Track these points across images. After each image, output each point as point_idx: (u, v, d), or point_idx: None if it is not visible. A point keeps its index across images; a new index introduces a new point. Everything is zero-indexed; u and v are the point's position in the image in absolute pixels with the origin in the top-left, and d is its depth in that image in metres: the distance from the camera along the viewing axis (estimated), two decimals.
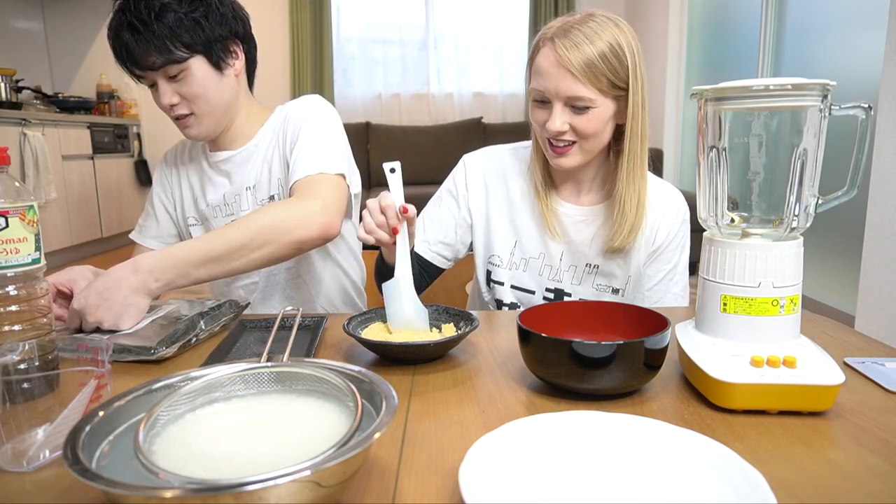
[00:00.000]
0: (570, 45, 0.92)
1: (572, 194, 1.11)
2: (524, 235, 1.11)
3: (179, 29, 1.04)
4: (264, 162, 1.18)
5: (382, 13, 5.09)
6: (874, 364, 0.72)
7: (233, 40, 1.13)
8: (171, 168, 1.28)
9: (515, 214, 1.12)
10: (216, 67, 1.10)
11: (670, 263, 1.10)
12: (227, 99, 1.13)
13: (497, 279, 1.14)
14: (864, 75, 2.50)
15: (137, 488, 0.37)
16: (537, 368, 0.67)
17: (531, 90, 1.00)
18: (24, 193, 0.63)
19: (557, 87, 0.94)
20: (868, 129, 0.63)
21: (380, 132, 4.87)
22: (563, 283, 1.10)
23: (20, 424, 0.53)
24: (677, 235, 1.10)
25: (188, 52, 1.05)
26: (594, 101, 0.94)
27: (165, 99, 1.08)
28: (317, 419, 0.50)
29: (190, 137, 1.16)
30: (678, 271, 1.11)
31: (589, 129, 0.96)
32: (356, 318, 0.83)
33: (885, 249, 1.95)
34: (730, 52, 3.80)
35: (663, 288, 1.10)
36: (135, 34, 1.03)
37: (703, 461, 0.47)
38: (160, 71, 1.06)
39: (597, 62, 0.92)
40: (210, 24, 1.07)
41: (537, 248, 1.11)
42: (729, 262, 0.64)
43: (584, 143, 0.99)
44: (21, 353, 0.60)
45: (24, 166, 3.48)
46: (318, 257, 1.24)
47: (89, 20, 4.79)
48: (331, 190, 1.05)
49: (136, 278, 0.88)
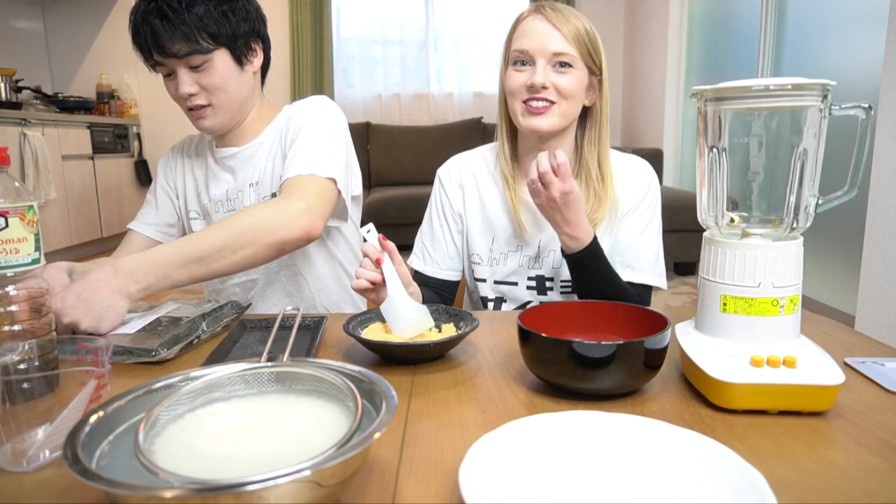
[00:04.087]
0: (559, 14, 1.02)
1: None
2: (499, 230, 1.14)
3: (208, 20, 1.05)
4: (268, 160, 1.19)
5: (382, 13, 5.09)
6: (874, 364, 0.72)
7: (255, 38, 1.14)
8: (176, 159, 1.29)
9: (489, 212, 1.15)
10: (238, 62, 1.11)
11: (640, 226, 1.10)
12: (244, 94, 1.15)
13: (479, 277, 1.16)
14: (864, 75, 2.50)
15: (137, 488, 0.37)
16: (537, 368, 0.67)
17: (512, 54, 1.06)
18: (24, 193, 0.63)
19: (545, 42, 1.01)
20: (868, 129, 0.63)
21: (380, 132, 4.87)
22: (544, 269, 1.12)
23: (20, 424, 0.53)
24: (645, 198, 1.11)
25: (214, 43, 1.06)
26: (577, 61, 1.03)
27: (185, 88, 1.08)
28: (317, 419, 0.50)
29: (202, 129, 1.16)
30: (649, 235, 1.10)
31: (570, 87, 1.03)
32: (356, 318, 0.83)
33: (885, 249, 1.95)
34: (730, 52, 3.80)
35: (634, 252, 1.09)
36: (164, 20, 1.03)
37: (703, 461, 0.47)
38: (183, 60, 1.06)
39: (581, 32, 1.03)
40: (236, 20, 1.08)
41: (514, 241, 1.13)
42: (729, 262, 0.64)
43: (562, 103, 1.04)
44: (21, 353, 0.60)
45: (24, 166, 3.48)
46: (319, 256, 1.24)
47: (89, 20, 4.79)
48: (316, 192, 1.05)
49: (116, 280, 0.86)
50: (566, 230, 0.97)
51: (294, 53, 4.95)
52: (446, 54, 5.16)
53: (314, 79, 4.99)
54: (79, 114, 4.30)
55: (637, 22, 4.85)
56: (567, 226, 0.96)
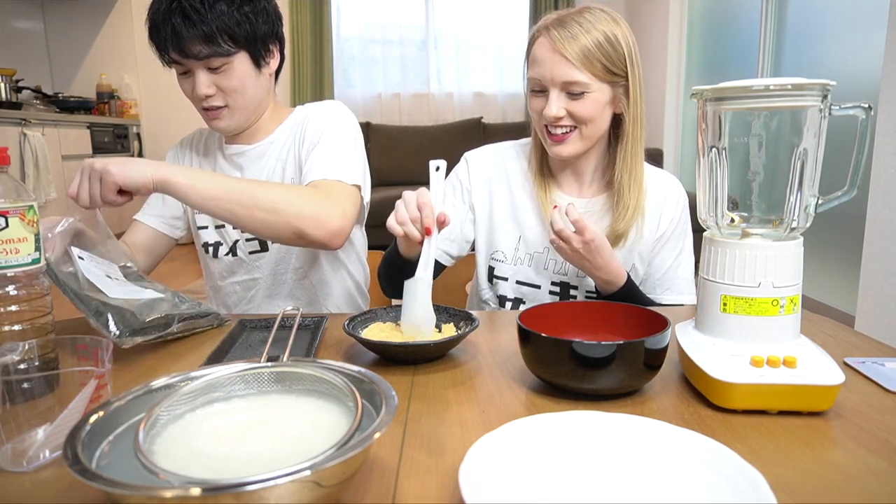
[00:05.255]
0: (566, 34, 0.96)
1: (574, 187, 1.12)
2: (528, 230, 1.12)
3: (230, 21, 1.04)
4: (278, 160, 1.19)
5: (382, 13, 5.09)
6: (874, 364, 0.72)
7: (273, 40, 1.13)
8: (185, 152, 1.29)
9: (518, 210, 1.13)
10: (256, 65, 1.11)
11: (677, 249, 1.11)
12: (260, 96, 1.15)
13: (501, 275, 1.14)
14: (864, 75, 2.50)
15: (137, 488, 0.37)
16: (537, 368, 0.67)
17: (529, 80, 1.03)
18: (24, 193, 0.63)
19: (552, 72, 0.98)
20: (868, 129, 0.63)
21: (380, 132, 4.87)
22: (569, 276, 1.10)
23: (20, 424, 0.53)
24: (680, 220, 1.12)
25: (234, 46, 1.06)
26: (589, 85, 0.97)
27: (202, 89, 1.07)
28: (317, 419, 0.50)
29: (217, 129, 1.16)
30: (684, 256, 1.12)
31: (586, 113, 0.99)
32: (356, 318, 0.83)
33: (885, 249, 1.95)
34: (730, 52, 3.80)
35: (672, 274, 1.11)
36: (186, 20, 1.02)
37: (703, 461, 0.47)
38: (202, 61, 1.05)
39: (592, 49, 0.96)
40: (257, 22, 1.08)
41: (542, 243, 1.11)
42: (729, 262, 0.64)
43: (584, 128, 1.01)
44: (21, 353, 0.60)
45: (24, 166, 3.48)
46: (327, 262, 1.24)
47: (89, 20, 4.79)
48: (350, 201, 1.06)
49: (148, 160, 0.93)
50: (598, 275, 0.97)
51: (294, 53, 4.95)
52: (446, 54, 5.16)
53: (314, 79, 4.99)
54: (79, 114, 4.30)
55: (637, 22, 4.85)
56: (598, 271, 0.97)
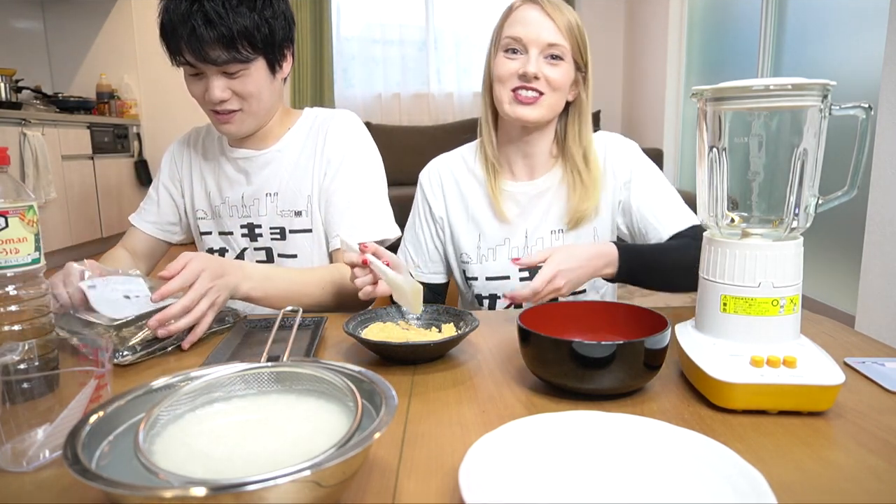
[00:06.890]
0: (553, 5, 1.04)
1: (526, 173, 1.15)
2: (485, 226, 1.15)
3: (251, 27, 1.02)
4: (289, 172, 1.16)
5: (382, 13, 5.08)
6: (874, 364, 0.72)
7: (288, 44, 1.12)
8: (181, 155, 1.25)
9: (472, 209, 1.16)
10: (271, 70, 1.09)
11: (647, 187, 1.11)
12: (274, 101, 1.13)
13: (471, 275, 1.16)
14: (864, 75, 2.49)
15: (137, 488, 0.37)
16: (537, 368, 0.67)
17: (504, 41, 1.06)
18: (23, 193, 0.63)
19: (539, 33, 1.02)
20: (868, 129, 0.63)
21: (380, 132, 4.86)
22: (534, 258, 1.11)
23: (20, 424, 0.53)
24: (636, 165, 1.12)
25: (253, 52, 1.04)
26: (567, 54, 1.04)
27: (216, 93, 1.04)
28: (317, 419, 0.50)
29: (227, 133, 1.13)
30: (661, 189, 1.11)
31: (559, 80, 1.04)
32: (356, 318, 0.83)
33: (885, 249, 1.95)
34: (730, 52, 3.80)
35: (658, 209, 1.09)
36: (208, 24, 0.98)
37: (703, 461, 0.47)
38: (220, 67, 1.02)
39: (572, 26, 1.04)
40: (275, 28, 1.06)
41: (500, 235, 1.14)
42: (729, 262, 0.64)
43: (551, 95, 1.04)
44: (21, 353, 0.60)
45: (24, 166, 3.48)
46: None
47: (89, 20, 4.78)
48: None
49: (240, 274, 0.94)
50: (596, 274, 0.96)
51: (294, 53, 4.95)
52: (446, 54, 5.16)
53: (314, 79, 4.99)
54: (79, 114, 4.29)
55: (637, 22, 4.85)
56: (594, 272, 0.95)
